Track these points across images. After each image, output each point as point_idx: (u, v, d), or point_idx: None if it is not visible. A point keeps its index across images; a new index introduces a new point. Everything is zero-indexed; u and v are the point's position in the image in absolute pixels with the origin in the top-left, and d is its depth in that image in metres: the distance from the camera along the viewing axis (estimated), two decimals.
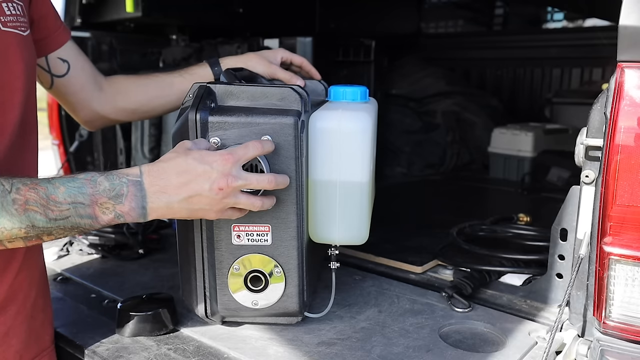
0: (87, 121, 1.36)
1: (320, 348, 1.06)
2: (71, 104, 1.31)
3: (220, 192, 0.88)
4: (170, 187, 0.86)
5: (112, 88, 1.33)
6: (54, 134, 2.28)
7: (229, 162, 0.89)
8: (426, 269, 1.46)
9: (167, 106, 1.35)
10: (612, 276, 0.95)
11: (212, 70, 1.34)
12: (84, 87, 1.28)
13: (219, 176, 0.87)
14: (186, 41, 2.39)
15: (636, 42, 0.91)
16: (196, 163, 0.87)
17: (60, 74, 1.24)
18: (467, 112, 3.07)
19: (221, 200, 0.89)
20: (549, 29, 3.90)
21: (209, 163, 0.88)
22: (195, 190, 0.87)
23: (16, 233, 0.81)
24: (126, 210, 0.85)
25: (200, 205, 0.89)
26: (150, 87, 1.34)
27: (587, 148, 1.01)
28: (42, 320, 1.10)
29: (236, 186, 0.89)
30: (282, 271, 1.06)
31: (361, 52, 2.52)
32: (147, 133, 2.16)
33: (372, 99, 1.25)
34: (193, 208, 0.89)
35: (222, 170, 0.88)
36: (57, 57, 1.23)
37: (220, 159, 0.88)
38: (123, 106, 1.34)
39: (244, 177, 0.90)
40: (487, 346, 1.10)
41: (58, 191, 0.82)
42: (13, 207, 0.79)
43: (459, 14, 4.06)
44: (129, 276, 1.43)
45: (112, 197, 0.84)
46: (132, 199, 0.85)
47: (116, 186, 0.85)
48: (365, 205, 1.11)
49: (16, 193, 0.80)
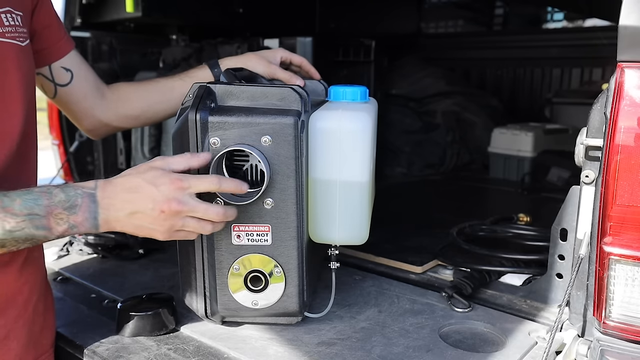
0: (90, 130, 1.37)
1: (320, 348, 1.06)
2: (74, 113, 1.32)
3: (162, 214, 0.90)
4: (118, 201, 0.90)
5: (115, 96, 1.34)
6: (54, 134, 2.28)
7: (176, 187, 0.90)
8: (426, 269, 1.46)
9: (169, 110, 1.36)
10: (612, 276, 0.95)
11: (212, 72, 1.34)
12: (87, 96, 1.30)
13: (162, 199, 0.89)
14: (186, 41, 2.39)
15: (636, 42, 0.91)
16: (144, 183, 0.90)
17: (64, 83, 1.26)
18: (467, 112, 3.07)
19: (164, 221, 0.91)
20: (549, 29, 3.90)
21: (156, 185, 0.90)
22: (138, 208, 0.89)
23: None
24: (79, 221, 0.88)
25: (143, 223, 0.91)
26: (152, 93, 1.35)
27: (587, 148, 1.01)
28: (42, 325, 1.11)
29: (178, 211, 0.90)
30: (282, 271, 1.06)
31: (361, 52, 2.52)
32: (147, 133, 2.16)
33: (372, 99, 1.25)
34: (137, 224, 0.91)
35: (167, 194, 0.89)
36: (60, 66, 1.24)
37: (168, 182, 0.90)
38: (125, 113, 1.35)
39: (189, 204, 0.91)
40: (487, 346, 1.10)
41: (14, 203, 0.84)
42: None
43: (459, 14, 4.06)
44: (129, 276, 1.43)
45: (66, 207, 0.87)
46: (86, 210, 0.88)
47: (71, 197, 0.87)
48: (365, 205, 1.11)
49: None
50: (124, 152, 2.26)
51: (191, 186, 0.91)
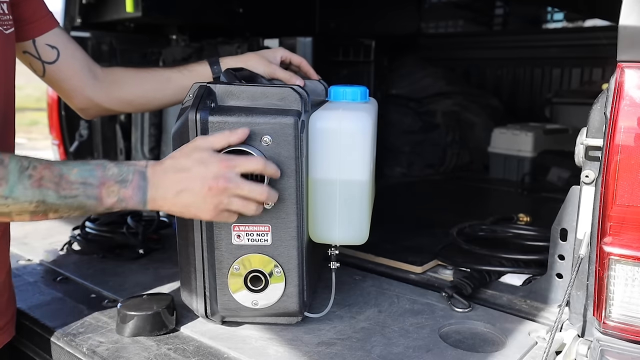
0: (81, 108, 1.39)
1: (320, 348, 1.06)
2: (65, 91, 1.35)
3: (210, 192, 0.92)
4: (167, 181, 0.92)
5: (108, 78, 1.36)
6: (54, 134, 2.28)
7: (224, 166, 0.93)
8: (426, 269, 1.46)
9: (164, 100, 1.38)
10: (612, 276, 0.95)
11: (211, 69, 1.35)
12: (76, 74, 1.32)
13: (211, 177, 0.92)
14: (186, 41, 2.40)
15: (636, 42, 0.91)
16: (193, 163, 0.93)
17: (50, 60, 1.28)
18: (467, 112, 3.07)
19: (211, 199, 0.92)
20: (549, 29, 3.90)
21: (205, 164, 0.92)
22: (186, 186, 0.92)
23: (26, 207, 0.86)
24: (129, 195, 0.91)
25: (191, 201, 0.93)
26: (147, 80, 1.37)
27: (587, 148, 1.01)
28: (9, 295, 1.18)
29: (226, 188, 0.92)
30: (282, 271, 1.06)
31: (361, 52, 2.52)
32: (147, 133, 2.17)
33: (372, 99, 1.25)
34: (185, 203, 0.93)
35: (215, 172, 0.92)
36: (45, 43, 1.26)
37: (217, 161, 0.93)
38: (118, 96, 1.36)
39: (236, 181, 0.93)
40: (487, 346, 1.10)
41: (71, 172, 0.89)
42: (29, 181, 0.85)
43: (459, 14, 4.06)
44: (129, 276, 1.43)
45: (118, 181, 0.90)
46: (136, 186, 0.91)
47: (123, 172, 0.91)
48: (365, 205, 1.11)
49: (33, 170, 0.86)
50: (124, 152, 2.26)
51: (238, 165, 0.94)
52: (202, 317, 1.13)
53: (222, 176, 0.92)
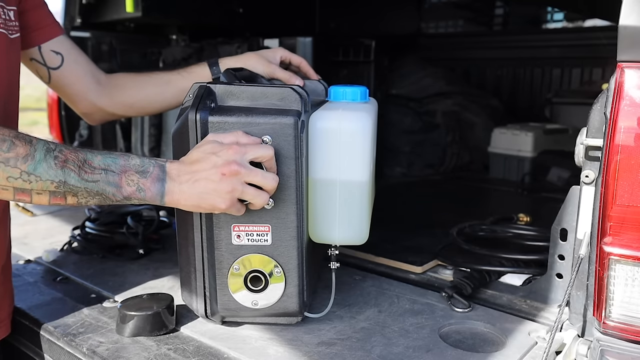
0: (86, 113, 1.42)
1: (320, 348, 1.06)
2: (69, 96, 1.39)
3: (224, 177, 0.93)
4: (183, 174, 0.95)
5: (111, 83, 1.39)
6: (54, 134, 2.28)
7: (235, 151, 0.94)
8: (426, 269, 1.46)
9: (165, 103, 1.40)
10: (612, 276, 0.95)
11: (210, 70, 1.36)
12: (80, 79, 1.35)
13: (223, 163, 0.93)
14: (186, 41, 2.40)
15: (636, 42, 0.91)
16: (205, 154, 0.95)
17: (55, 66, 1.32)
18: (467, 112, 3.07)
19: (226, 185, 0.93)
20: (549, 29, 3.90)
21: (216, 152, 0.94)
22: (201, 175, 0.94)
23: (48, 185, 0.89)
24: (148, 185, 0.94)
25: (206, 190, 0.94)
26: (148, 84, 1.40)
27: (587, 148, 1.01)
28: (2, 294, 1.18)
29: (237, 171, 0.93)
30: (282, 271, 1.06)
31: (361, 52, 2.52)
32: (147, 133, 2.16)
33: (372, 99, 1.25)
34: (200, 192, 0.94)
35: (226, 158, 0.94)
36: (50, 49, 1.30)
37: (227, 148, 0.95)
38: (120, 100, 1.40)
39: (248, 167, 0.95)
40: (487, 346, 1.10)
41: (95, 158, 0.92)
42: (54, 161, 0.89)
43: (459, 14, 4.06)
44: (129, 276, 1.43)
45: (139, 171, 0.93)
46: (155, 177, 0.94)
47: (145, 164, 0.94)
48: (365, 205, 1.11)
49: (59, 152, 0.90)
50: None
51: (248, 151, 0.95)
52: (202, 317, 1.13)
53: (233, 161, 0.93)
